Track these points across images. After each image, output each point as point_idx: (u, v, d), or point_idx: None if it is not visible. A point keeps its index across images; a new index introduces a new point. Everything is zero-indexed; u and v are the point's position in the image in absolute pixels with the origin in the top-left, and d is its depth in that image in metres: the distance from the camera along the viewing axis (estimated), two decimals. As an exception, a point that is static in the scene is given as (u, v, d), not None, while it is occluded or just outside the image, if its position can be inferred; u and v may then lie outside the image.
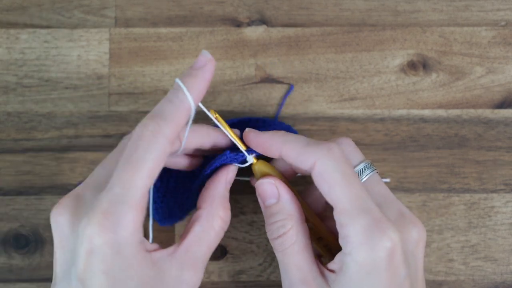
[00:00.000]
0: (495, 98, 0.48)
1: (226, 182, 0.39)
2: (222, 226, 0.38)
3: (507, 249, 0.46)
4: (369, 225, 0.34)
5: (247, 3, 0.49)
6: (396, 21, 0.49)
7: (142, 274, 0.34)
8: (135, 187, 0.33)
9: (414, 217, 0.37)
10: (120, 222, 0.33)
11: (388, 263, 0.34)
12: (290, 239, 0.37)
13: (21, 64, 0.47)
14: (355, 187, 0.35)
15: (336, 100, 0.47)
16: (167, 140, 0.34)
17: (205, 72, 0.36)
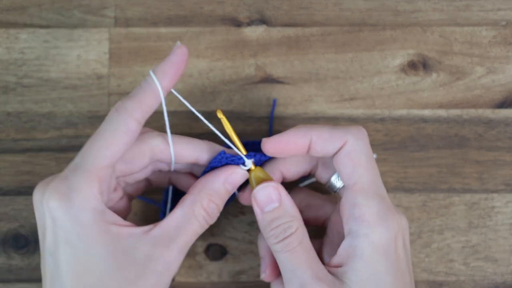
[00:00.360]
0: (496, 98, 0.48)
1: (225, 179, 0.39)
2: (204, 216, 0.37)
3: (507, 249, 0.46)
4: (382, 208, 0.36)
5: (247, 3, 0.49)
6: (396, 21, 0.49)
7: (106, 245, 0.34)
8: (93, 156, 0.35)
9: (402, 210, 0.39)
10: (74, 187, 0.34)
11: (395, 246, 0.36)
12: (297, 238, 0.37)
13: (20, 64, 0.47)
14: (375, 173, 0.37)
15: (336, 100, 0.47)
16: (129, 115, 0.35)
17: (172, 56, 0.37)
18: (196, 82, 0.47)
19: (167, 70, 0.37)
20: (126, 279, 0.34)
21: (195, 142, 0.40)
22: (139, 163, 0.39)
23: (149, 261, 0.35)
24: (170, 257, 0.36)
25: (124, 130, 0.35)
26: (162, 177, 0.43)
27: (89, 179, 0.35)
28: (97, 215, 0.35)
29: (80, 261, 0.34)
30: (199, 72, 0.48)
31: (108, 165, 0.35)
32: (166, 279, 0.36)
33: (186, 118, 0.47)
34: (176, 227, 0.36)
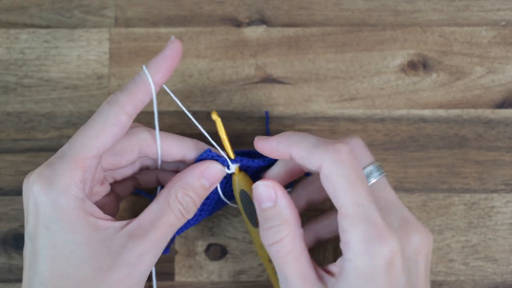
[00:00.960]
0: (496, 98, 0.48)
1: (200, 173, 0.38)
2: (179, 208, 0.37)
3: (507, 249, 0.46)
4: (369, 233, 0.34)
5: (247, 3, 0.49)
6: (396, 21, 0.49)
7: (82, 233, 0.35)
8: (80, 145, 0.35)
9: (419, 224, 0.37)
10: (57, 172, 0.35)
11: (386, 271, 0.34)
12: (286, 247, 0.36)
13: (21, 64, 0.47)
14: (359, 193, 0.34)
15: (336, 100, 0.47)
16: (121, 108, 0.36)
17: (166, 51, 0.37)
18: (196, 82, 0.48)
19: (161, 65, 0.37)
20: (99, 268, 0.35)
21: (183, 139, 0.40)
22: (127, 156, 0.39)
23: (122, 252, 0.35)
24: (144, 249, 0.36)
25: (114, 122, 0.36)
26: (150, 176, 0.43)
27: (73, 167, 0.35)
28: (77, 202, 0.35)
29: (56, 246, 0.35)
30: (199, 72, 0.48)
31: (94, 155, 0.36)
32: (140, 271, 0.36)
33: (186, 118, 0.47)
34: (152, 220, 0.36)
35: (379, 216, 0.34)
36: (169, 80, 0.47)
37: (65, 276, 0.35)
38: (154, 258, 0.36)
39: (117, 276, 0.35)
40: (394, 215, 0.37)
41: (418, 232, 0.36)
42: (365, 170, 0.38)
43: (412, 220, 0.37)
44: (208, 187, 0.39)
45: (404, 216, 0.37)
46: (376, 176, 0.38)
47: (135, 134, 0.39)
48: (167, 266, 0.46)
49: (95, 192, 0.39)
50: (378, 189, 0.38)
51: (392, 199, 0.38)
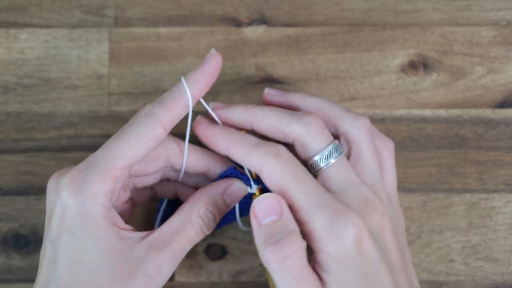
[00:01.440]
0: (496, 98, 0.48)
1: (224, 190, 0.39)
2: (200, 224, 0.37)
3: (507, 249, 0.46)
4: (329, 217, 0.34)
5: (247, 3, 0.49)
6: (396, 21, 0.49)
7: (105, 241, 0.35)
8: (114, 155, 0.35)
9: (377, 201, 0.36)
10: (89, 180, 0.35)
11: (358, 250, 0.33)
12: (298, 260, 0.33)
13: (20, 64, 0.47)
14: (308, 184, 0.35)
15: (336, 100, 0.47)
16: (158, 121, 0.36)
17: (206, 65, 0.37)
18: (196, 82, 0.47)
19: (200, 80, 0.37)
20: (117, 277, 0.35)
21: (210, 154, 0.41)
22: (154, 164, 0.39)
23: (141, 263, 0.35)
24: (162, 261, 0.36)
25: (150, 136, 0.36)
26: (169, 187, 0.43)
27: (104, 176, 0.35)
28: (104, 210, 0.35)
29: (78, 251, 0.35)
30: (199, 72, 0.48)
31: (127, 166, 0.36)
32: (156, 283, 0.36)
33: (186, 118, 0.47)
34: (172, 233, 0.37)
35: (333, 199, 0.34)
36: (169, 80, 0.47)
37: (82, 282, 0.35)
38: (171, 271, 0.36)
39: (134, 286, 0.35)
40: (352, 195, 0.36)
41: (376, 211, 0.36)
42: (325, 150, 0.37)
43: (371, 198, 0.36)
44: (229, 204, 0.39)
45: (363, 195, 0.36)
46: (335, 156, 0.37)
47: (164, 144, 0.39)
48: (167, 266, 0.45)
49: (117, 198, 0.39)
50: (337, 169, 0.37)
51: (351, 178, 0.37)
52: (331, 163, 0.37)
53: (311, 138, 0.37)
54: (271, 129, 0.38)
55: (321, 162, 0.37)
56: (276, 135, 0.38)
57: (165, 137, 0.37)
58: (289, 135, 0.38)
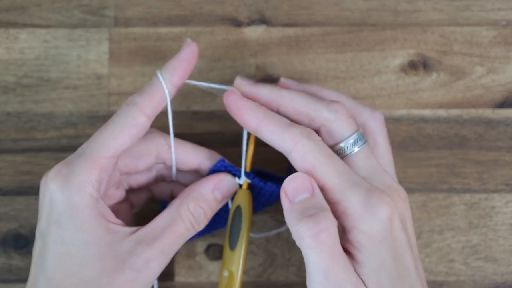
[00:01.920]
0: (496, 98, 0.48)
1: (213, 185, 0.39)
2: (190, 219, 0.37)
3: (508, 249, 0.46)
4: (364, 195, 0.34)
5: (247, 3, 0.49)
6: (396, 21, 0.49)
7: (92, 232, 0.35)
8: (98, 145, 0.36)
9: (400, 188, 0.37)
10: (74, 170, 0.35)
11: (390, 229, 0.34)
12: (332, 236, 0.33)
13: (20, 64, 0.47)
14: (340, 164, 0.35)
15: (336, 100, 0.47)
16: (139, 110, 0.36)
17: (182, 53, 0.38)
18: (196, 82, 0.47)
19: (177, 68, 0.37)
20: (104, 270, 0.35)
21: (198, 148, 0.41)
22: (144, 160, 0.40)
23: (129, 257, 0.35)
24: (151, 255, 0.36)
25: (132, 123, 0.36)
26: (165, 188, 0.43)
27: (90, 166, 0.35)
28: (91, 201, 0.35)
29: (65, 243, 0.35)
30: (199, 72, 0.48)
31: (112, 155, 0.36)
32: (145, 277, 0.36)
33: (186, 118, 0.47)
34: (161, 228, 0.37)
35: (363, 180, 0.35)
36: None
37: (69, 274, 0.35)
38: (161, 266, 0.36)
39: (122, 280, 0.35)
40: (378, 181, 0.36)
41: (400, 197, 0.36)
42: (351, 138, 0.37)
43: (395, 185, 0.36)
44: (220, 200, 0.39)
45: (386, 181, 0.36)
46: (360, 145, 0.37)
47: (153, 139, 0.40)
48: (167, 267, 0.45)
49: (110, 195, 0.40)
50: (361, 157, 0.37)
51: (375, 165, 0.37)
52: (356, 151, 0.37)
53: (338, 124, 0.37)
54: (298, 112, 0.38)
55: (347, 149, 0.37)
56: (302, 119, 0.38)
57: (148, 125, 0.37)
58: (316, 120, 0.37)
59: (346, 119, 0.37)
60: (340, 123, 0.37)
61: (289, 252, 0.46)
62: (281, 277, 0.45)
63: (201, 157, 0.40)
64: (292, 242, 0.46)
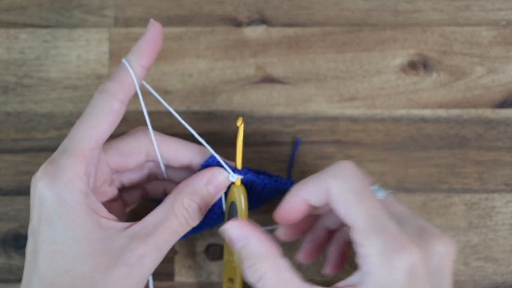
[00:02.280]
0: (496, 98, 0.48)
1: (207, 180, 0.38)
2: (184, 214, 0.37)
3: (508, 249, 0.46)
4: (387, 245, 0.33)
5: (247, 3, 0.49)
6: (396, 21, 0.49)
7: (83, 228, 0.35)
8: (79, 138, 0.36)
9: (437, 231, 0.35)
10: (60, 167, 0.35)
11: (408, 283, 0.33)
12: (271, 282, 0.34)
13: (20, 64, 0.47)
14: (370, 205, 0.34)
15: (336, 100, 0.47)
16: (111, 96, 0.36)
17: (147, 34, 0.37)
18: (196, 82, 0.47)
19: (144, 49, 0.37)
20: (97, 266, 0.35)
21: (189, 144, 0.41)
22: (134, 157, 0.39)
23: (122, 253, 0.35)
24: (145, 251, 0.35)
25: (107, 111, 0.36)
26: (158, 186, 0.43)
27: (75, 160, 0.35)
28: (81, 196, 0.35)
29: (56, 241, 0.35)
30: (199, 72, 0.48)
31: (94, 146, 0.36)
32: (139, 273, 0.36)
33: (185, 118, 0.47)
34: (155, 224, 0.36)
35: (394, 226, 0.33)
36: (169, 80, 0.47)
37: (62, 272, 0.35)
38: (155, 262, 0.36)
39: (116, 276, 0.35)
40: (409, 226, 0.35)
41: (439, 239, 0.34)
42: (375, 186, 0.37)
43: (429, 228, 0.35)
44: (214, 194, 0.39)
45: (420, 225, 0.35)
46: (382, 195, 0.36)
47: (142, 136, 0.40)
48: (167, 266, 0.45)
49: (102, 192, 0.39)
50: (390, 202, 0.36)
51: (404, 211, 0.36)
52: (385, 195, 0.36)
53: None
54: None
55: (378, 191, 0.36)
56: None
57: (123, 110, 0.37)
58: None
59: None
60: None
61: (289, 252, 0.46)
62: (281, 277, 0.45)
63: (192, 153, 0.40)
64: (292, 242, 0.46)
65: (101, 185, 0.39)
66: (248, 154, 0.46)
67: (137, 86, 0.38)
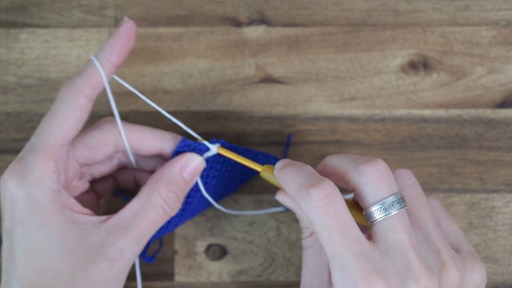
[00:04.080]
0: (496, 98, 0.48)
1: (181, 167, 0.38)
2: (162, 205, 0.37)
3: (508, 249, 0.46)
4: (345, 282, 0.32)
5: (247, 3, 0.49)
6: (396, 21, 0.49)
7: (58, 227, 0.35)
8: (46, 135, 0.35)
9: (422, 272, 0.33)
10: (29, 166, 0.35)
11: None
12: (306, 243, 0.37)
13: (20, 64, 0.47)
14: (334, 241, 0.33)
15: (336, 100, 0.47)
16: (78, 91, 0.36)
17: (119, 31, 0.37)
18: (196, 82, 0.47)
19: (115, 46, 0.37)
20: (76, 263, 0.35)
21: (159, 132, 0.40)
22: (102, 150, 0.39)
23: (101, 247, 0.35)
24: (124, 244, 0.35)
25: (74, 106, 0.36)
26: (128, 175, 0.43)
27: (44, 159, 0.35)
28: (52, 194, 0.35)
29: (31, 241, 0.35)
30: (199, 72, 0.48)
31: (62, 142, 0.36)
32: (119, 266, 0.35)
33: (186, 118, 0.47)
34: (132, 216, 0.36)
35: (356, 266, 0.32)
36: (169, 80, 0.47)
37: (40, 272, 0.35)
38: (134, 254, 0.36)
39: (96, 271, 0.35)
40: (392, 259, 0.33)
41: (416, 282, 0.32)
42: (377, 205, 0.34)
43: (415, 267, 0.33)
44: (189, 181, 0.39)
45: (406, 262, 0.33)
46: (397, 208, 0.34)
47: (110, 127, 0.39)
48: (167, 266, 0.45)
49: (73, 187, 0.39)
50: (386, 228, 0.34)
51: (399, 241, 0.33)
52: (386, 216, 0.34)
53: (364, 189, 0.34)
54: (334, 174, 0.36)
55: (371, 217, 0.34)
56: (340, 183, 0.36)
57: (89, 106, 0.37)
58: (349, 184, 0.35)
59: (375, 183, 0.34)
60: (365, 187, 0.34)
61: (289, 252, 0.46)
62: (281, 277, 0.45)
63: (161, 141, 0.40)
64: (292, 242, 0.46)
65: (71, 180, 0.39)
66: (248, 154, 0.47)
67: (106, 82, 0.37)
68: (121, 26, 0.37)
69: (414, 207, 0.36)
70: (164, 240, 0.46)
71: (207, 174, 0.40)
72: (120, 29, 0.37)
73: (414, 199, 0.36)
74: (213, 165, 0.40)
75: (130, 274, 0.45)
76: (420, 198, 0.36)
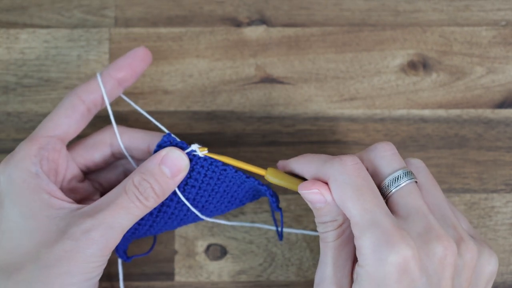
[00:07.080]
0: (496, 98, 0.48)
1: (158, 159, 0.38)
2: (134, 192, 0.37)
3: (507, 249, 0.46)
4: (378, 239, 0.34)
5: (247, 3, 0.49)
6: (396, 21, 0.49)
7: (30, 205, 0.36)
8: (38, 128, 0.39)
9: (443, 233, 0.35)
10: (15, 152, 0.38)
11: (399, 278, 0.33)
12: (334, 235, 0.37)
13: (20, 64, 0.47)
14: (366, 199, 0.35)
15: (336, 100, 0.47)
16: (75, 94, 0.40)
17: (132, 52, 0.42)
18: (196, 82, 0.47)
19: (121, 63, 0.41)
20: (43, 242, 0.36)
21: (148, 132, 0.42)
22: (99, 150, 0.42)
23: (69, 228, 0.36)
24: (91, 225, 0.35)
25: (68, 106, 0.40)
26: None
27: (28, 144, 0.38)
28: (28, 175, 0.37)
29: (6, 220, 0.36)
30: (199, 72, 0.48)
31: (49, 134, 0.39)
32: (84, 247, 0.35)
33: (186, 118, 0.47)
34: (106, 202, 0.37)
35: (389, 222, 0.34)
36: (169, 80, 0.47)
37: (10, 250, 0.36)
38: (103, 237, 0.36)
39: (60, 249, 0.35)
40: (414, 223, 0.35)
41: (440, 242, 0.34)
42: (393, 175, 0.37)
43: (436, 229, 0.35)
44: (170, 175, 0.38)
45: (428, 224, 0.35)
46: (402, 183, 0.36)
47: (106, 129, 0.42)
48: (167, 266, 0.46)
49: (73, 187, 0.41)
50: (402, 194, 0.36)
51: (417, 206, 0.36)
52: (395, 189, 0.37)
53: (378, 162, 0.38)
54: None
55: (388, 187, 0.37)
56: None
57: (83, 107, 0.40)
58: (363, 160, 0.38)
59: (389, 156, 0.38)
60: (380, 160, 0.38)
61: (289, 252, 0.46)
62: (281, 277, 0.46)
63: (149, 139, 0.41)
64: (292, 242, 0.46)
65: (69, 180, 0.40)
66: (248, 154, 0.47)
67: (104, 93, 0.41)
68: (136, 50, 0.42)
69: (430, 186, 0.38)
70: (164, 240, 0.46)
71: (185, 182, 0.40)
72: (134, 51, 0.42)
73: (429, 179, 0.39)
74: (193, 175, 0.39)
75: (130, 274, 0.45)
76: (433, 180, 0.39)
